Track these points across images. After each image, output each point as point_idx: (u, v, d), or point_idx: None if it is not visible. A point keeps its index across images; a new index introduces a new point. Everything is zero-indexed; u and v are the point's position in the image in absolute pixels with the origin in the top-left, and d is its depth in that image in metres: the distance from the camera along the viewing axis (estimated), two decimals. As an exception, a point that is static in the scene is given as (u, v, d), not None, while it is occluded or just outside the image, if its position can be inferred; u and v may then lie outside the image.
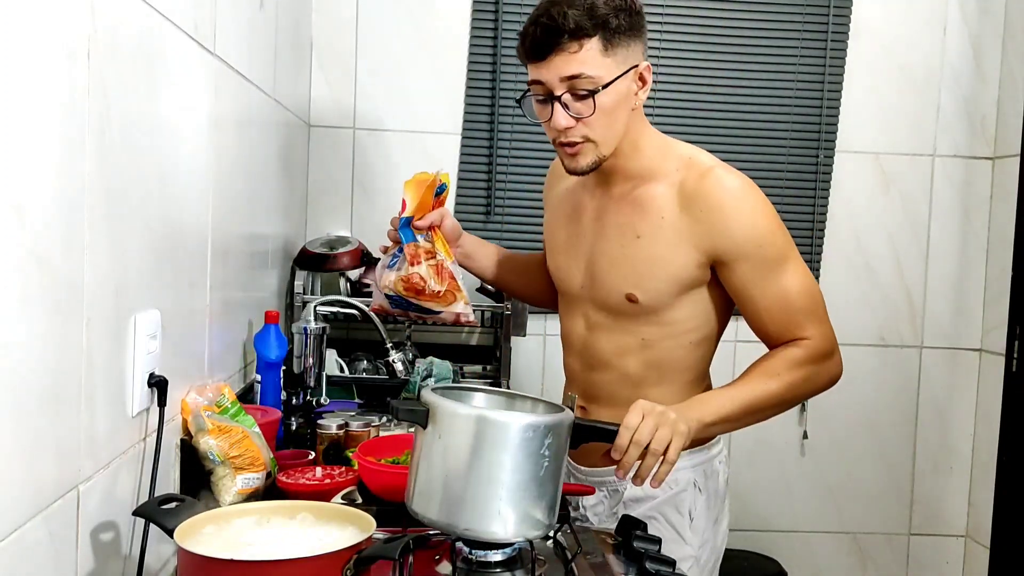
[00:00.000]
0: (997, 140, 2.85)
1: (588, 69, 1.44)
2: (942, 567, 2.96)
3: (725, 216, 1.49)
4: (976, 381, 2.91)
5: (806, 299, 1.54)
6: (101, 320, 1.08)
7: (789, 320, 1.53)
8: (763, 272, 1.52)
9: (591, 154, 1.51)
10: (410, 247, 1.66)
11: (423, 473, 1.19)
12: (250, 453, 1.40)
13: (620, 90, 1.47)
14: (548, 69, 1.45)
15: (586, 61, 1.43)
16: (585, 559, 1.29)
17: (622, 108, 1.49)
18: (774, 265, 1.52)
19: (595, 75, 1.44)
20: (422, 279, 1.63)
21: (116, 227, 1.12)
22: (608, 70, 1.45)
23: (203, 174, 1.51)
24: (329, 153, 2.70)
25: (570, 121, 1.47)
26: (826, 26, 2.77)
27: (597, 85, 1.44)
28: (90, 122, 1.03)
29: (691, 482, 1.62)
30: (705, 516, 1.63)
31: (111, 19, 1.08)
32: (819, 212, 2.82)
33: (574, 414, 1.27)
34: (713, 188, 1.50)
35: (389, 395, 2.16)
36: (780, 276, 1.52)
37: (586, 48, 1.43)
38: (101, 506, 1.12)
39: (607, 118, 1.48)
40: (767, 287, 1.52)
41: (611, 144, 1.51)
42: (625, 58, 1.47)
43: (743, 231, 1.50)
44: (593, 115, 1.46)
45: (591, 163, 1.52)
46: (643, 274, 1.55)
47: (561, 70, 1.44)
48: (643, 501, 1.61)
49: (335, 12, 2.67)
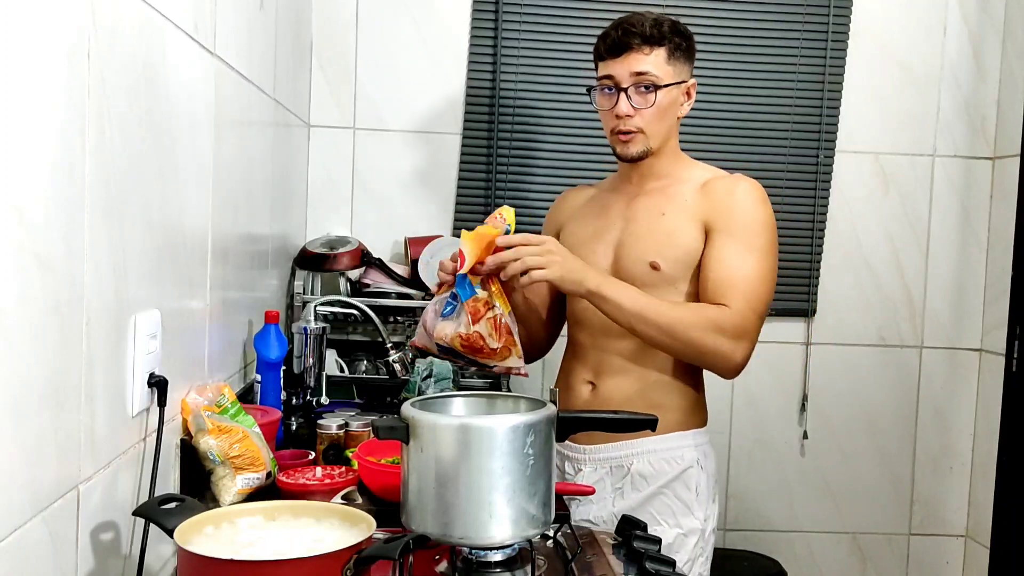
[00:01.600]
0: (997, 140, 2.85)
1: (654, 69, 1.73)
2: (942, 567, 2.96)
3: (730, 196, 1.73)
4: (976, 381, 2.91)
5: (748, 284, 1.69)
6: (101, 320, 1.08)
7: (724, 291, 1.68)
8: (732, 247, 1.70)
9: (641, 143, 1.76)
10: (470, 303, 1.58)
11: (412, 488, 1.20)
12: (250, 453, 1.40)
13: (673, 95, 1.76)
14: (621, 65, 1.73)
15: (654, 63, 1.73)
16: (585, 559, 1.29)
17: (671, 111, 1.77)
18: (744, 248, 1.70)
19: (658, 75, 1.73)
20: (481, 338, 1.57)
21: (116, 227, 1.12)
22: (668, 75, 1.74)
23: (203, 174, 1.51)
24: (329, 153, 2.70)
25: (631, 110, 1.73)
26: (826, 26, 2.77)
27: (659, 83, 1.73)
28: (90, 122, 1.03)
29: (695, 460, 1.77)
30: (707, 492, 1.77)
31: (111, 19, 1.08)
32: (819, 212, 2.82)
33: (557, 407, 1.27)
34: (732, 181, 1.77)
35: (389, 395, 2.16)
36: (742, 257, 1.69)
37: (655, 53, 1.73)
38: (101, 506, 1.12)
39: (659, 114, 1.74)
40: (725, 258, 1.70)
41: (658, 140, 1.77)
42: (681, 71, 1.77)
43: (736, 209, 1.72)
44: (650, 108, 1.73)
45: (640, 151, 1.77)
46: (664, 244, 1.74)
47: (632, 66, 1.72)
48: (653, 478, 1.75)
49: (335, 12, 2.67)
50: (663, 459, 1.75)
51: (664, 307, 1.66)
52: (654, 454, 1.75)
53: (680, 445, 1.76)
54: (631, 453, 1.76)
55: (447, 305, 1.60)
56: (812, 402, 2.87)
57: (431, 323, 1.62)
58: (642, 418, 1.37)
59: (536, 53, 2.70)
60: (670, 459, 1.75)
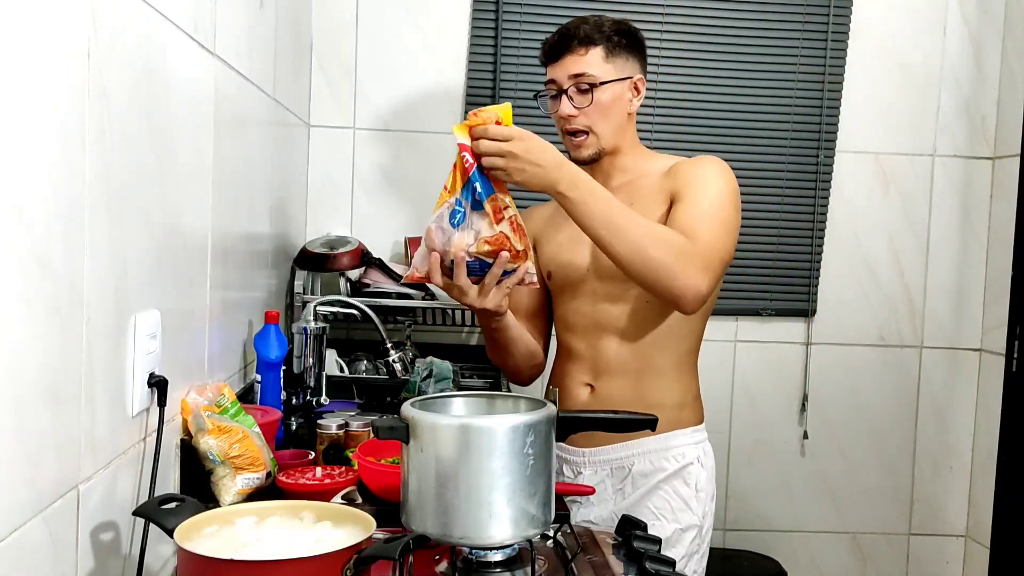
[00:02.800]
0: (997, 140, 2.85)
1: (590, 69, 1.74)
2: (942, 567, 2.96)
3: (692, 169, 1.74)
4: (976, 381, 2.91)
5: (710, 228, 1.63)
6: (101, 320, 1.08)
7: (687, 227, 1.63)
8: (691, 200, 1.68)
9: (592, 146, 1.78)
10: (490, 202, 1.46)
11: (412, 488, 1.20)
12: (250, 453, 1.40)
13: (616, 91, 1.76)
14: (560, 68, 1.77)
15: (590, 63, 1.75)
16: (585, 559, 1.29)
17: (617, 106, 1.77)
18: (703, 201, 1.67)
19: (596, 74, 1.75)
20: (507, 238, 1.46)
21: (116, 227, 1.12)
22: (607, 73, 1.75)
23: (203, 174, 1.51)
24: (329, 153, 2.70)
25: (572, 110, 1.75)
26: (826, 26, 2.77)
27: (596, 82, 1.74)
28: (90, 122, 1.03)
29: (696, 457, 1.77)
30: (706, 489, 1.77)
31: (111, 19, 1.08)
32: (819, 212, 2.82)
33: (557, 407, 1.27)
34: (696, 158, 1.79)
35: (389, 395, 2.16)
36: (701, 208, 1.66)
37: (591, 53, 1.75)
38: (101, 506, 1.12)
39: (602, 112, 1.75)
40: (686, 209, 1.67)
41: (609, 138, 1.78)
42: (623, 68, 1.77)
43: (697, 176, 1.72)
44: (591, 106, 1.74)
45: (592, 154, 1.78)
46: None
47: (569, 68, 1.75)
48: (652, 474, 1.75)
49: (335, 12, 2.67)
50: (663, 457, 1.76)
51: (637, 219, 1.58)
52: (655, 453, 1.76)
53: (681, 443, 1.77)
54: (631, 454, 1.77)
55: (452, 215, 1.47)
56: (812, 402, 2.87)
57: (441, 238, 1.50)
58: (642, 418, 1.37)
59: (536, 53, 2.68)
60: (670, 457, 1.76)
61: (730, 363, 2.83)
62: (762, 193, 2.78)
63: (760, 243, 2.80)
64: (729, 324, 2.84)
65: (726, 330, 2.84)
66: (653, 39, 2.72)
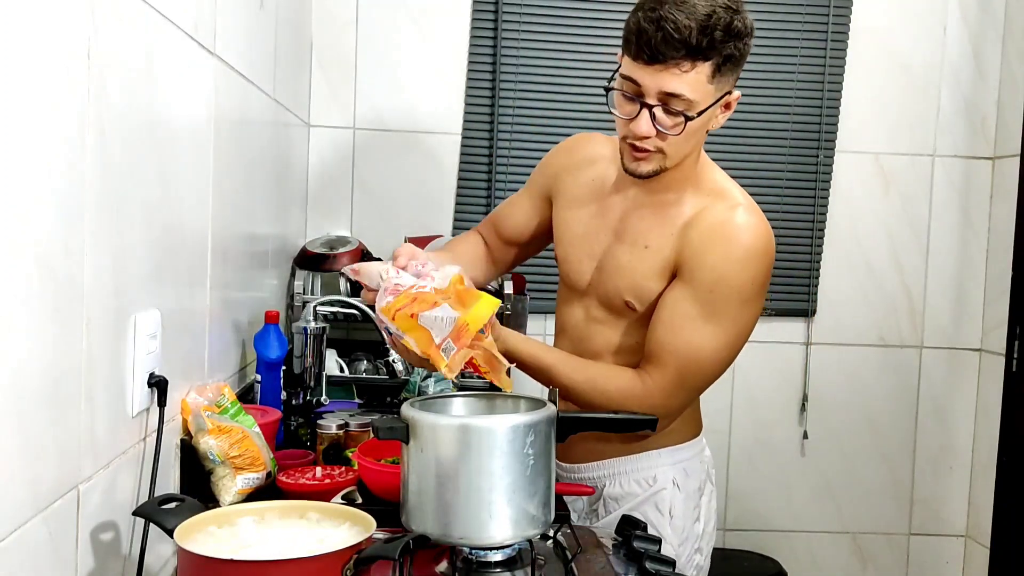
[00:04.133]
0: (997, 140, 2.85)
1: (690, 92, 1.38)
2: (942, 567, 2.96)
3: (713, 249, 1.47)
4: (976, 381, 2.91)
5: (690, 360, 1.47)
6: (101, 320, 1.08)
7: (658, 355, 1.48)
8: (694, 312, 1.46)
9: (656, 163, 1.47)
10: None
11: (412, 488, 1.20)
12: (250, 453, 1.40)
13: (707, 117, 1.44)
14: (651, 77, 1.39)
15: (692, 85, 1.38)
16: (585, 559, 1.29)
17: (700, 132, 1.47)
18: (705, 315, 1.47)
19: (695, 99, 1.39)
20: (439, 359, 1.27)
21: (116, 227, 1.12)
22: (708, 97, 1.41)
23: (203, 174, 1.51)
24: (329, 153, 2.70)
25: (651, 131, 1.42)
26: (826, 26, 2.77)
27: (693, 110, 1.40)
28: (90, 122, 1.03)
29: (670, 480, 1.62)
30: (684, 515, 1.61)
31: (111, 19, 1.08)
32: (819, 212, 2.82)
33: (557, 407, 1.27)
34: (724, 221, 1.48)
35: (389, 395, 2.17)
36: (698, 328, 1.47)
37: (698, 71, 1.38)
38: (101, 506, 1.12)
39: (687, 139, 1.44)
40: (681, 324, 1.47)
41: (677, 160, 1.48)
42: (724, 85, 1.43)
43: (713, 270, 1.46)
44: (677, 135, 1.42)
45: (653, 170, 1.48)
46: (641, 287, 1.54)
47: (663, 84, 1.38)
48: (623, 499, 1.63)
49: (335, 12, 2.67)
50: (633, 480, 1.63)
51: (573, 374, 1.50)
52: (625, 476, 1.63)
53: (651, 465, 1.62)
54: (604, 475, 1.65)
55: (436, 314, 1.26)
56: (812, 402, 2.87)
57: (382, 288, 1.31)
58: (642, 418, 1.36)
59: (536, 53, 2.70)
60: (640, 480, 1.62)
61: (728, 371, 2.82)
62: (762, 193, 2.78)
63: (760, 243, 2.79)
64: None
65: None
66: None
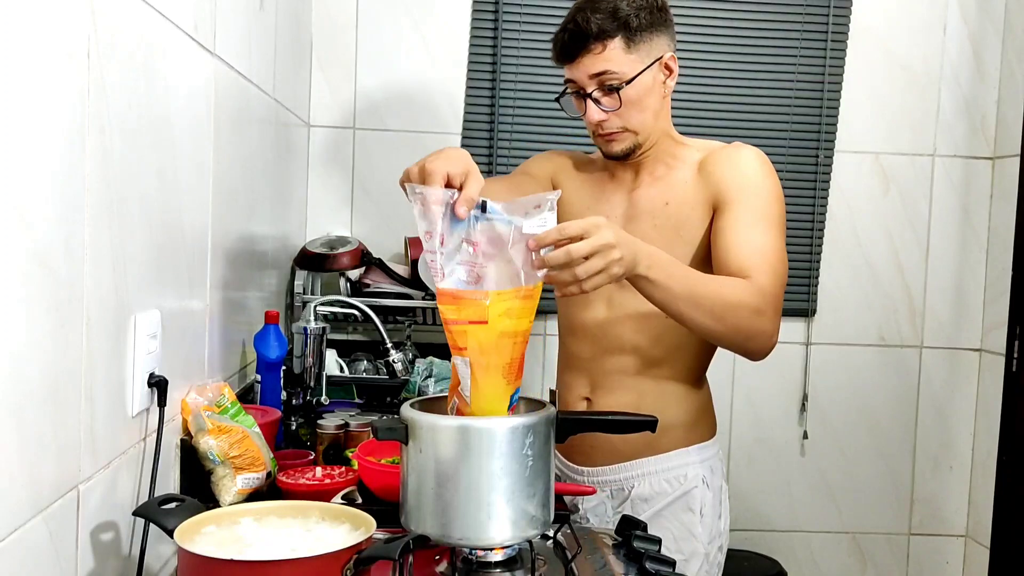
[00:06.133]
0: (997, 140, 2.85)
1: (613, 66, 1.56)
2: (942, 567, 2.96)
3: (735, 168, 1.60)
4: (976, 381, 2.91)
5: (769, 260, 1.53)
6: (101, 320, 1.08)
7: (748, 269, 1.51)
8: (746, 219, 1.56)
9: (628, 140, 1.63)
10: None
11: (412, 488, 1.20)
12: (250, 453, 1.40)
13: (646, 82, 1.59)
14: (578, 69, 1.59)
15: (611, 59, 1.56)
16: (585, 559, 1.29)
17: (651, 97, 1.60)
18: (758, 218, 1.56)
19: (619, 71, 1.56)
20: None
21: (116, 227, 1.12)
22: (632, 66, 1.57)
23: (203, 174, 1.51)
24: (329, 153, 2.70)
25: (602, 115, 1.60)
26: (826, 26, 2.77)
27: (622, 80, 1.57)
28: (90, 122, 1.03)
29: (700, 478, 1.65)
30: (711, 512, 1.65)
31: (111, 19, 1.08)
32: (819, 212, 2.82)
33: (556, 408, 1.27)
34: (729, 150, 1.63)
35: (389, 395, 2.17)
36: (758, 230, 1.55)
37: (610, 48, 1.56)
38: (101, 506, 1.12)
39: (636, 108, 1.59)
40: (742, 234, 1.55)
41: (647, 131, 1.63)
42: (649, 52, 1.58)
43: (743, 181, 1.58)
44: (621, 107, 1.58)
45: (626, 148, 1.63)
46: (672, 240, 1.61)
47: (589, 69, 1.57)
48: (653, 500, 1.64)
49: (335, 12, 2.67)
50: (664, 480, 1.65)
51: (714, 287, 1.46)
52: (655, 475, 1.65)
53: (682, 463, 1.65)
54: (631, 475, 1.66)
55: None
56: (812, 402, 2.87)
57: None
58: (642, 419, 1.36)
59: (536, 53, 2.69)
60: (671, 479, 1.65)
61: (730, 363, 2.82)
62: (762, 193, 2.78)
63: (760, 243, 2.80)
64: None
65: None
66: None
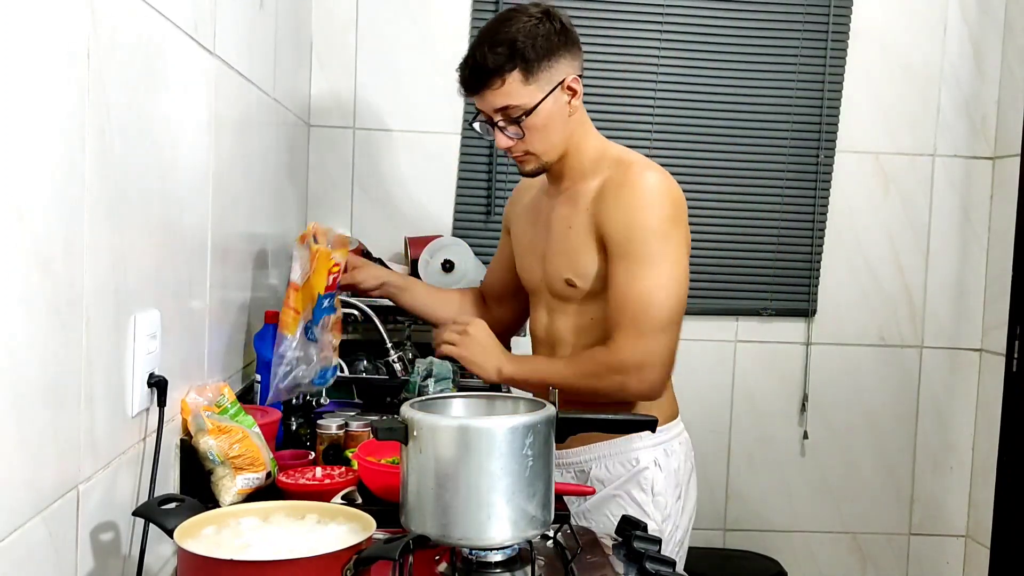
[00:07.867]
0: (997, 140, 2.85)
1: (513, 100, 1.62)
2: (942, 567, 2.96)
3: (618, 206, 1.63)
4: (976, 381, 2.91)
5: (636, 306, 1.61)
6: (101, 320, 1.08)
7: (616, 318, 1.63)
8: (624, 266, 1.62)
9: (534, 162, 1.71)
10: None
11: (412, 488, 1.20)
12: (250, 453, 1.40)
13: (548, 109, 1.64)
14: (482, 102, 1.66)
15: (510, 93, 1.62)
16: (585, 559, 1.29)
17: (555, 121, 1.67)
18: (633, 263, 1.61)
19: (520, 103, 1.62)
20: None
21: (116, 227, 1.12)
22: (532, 96, 1.63)
23: (203, 174, 1.51)
24: (329, 153, 2.70)
25: (508, 142, 1.67)
26: (826, 26, 2.77)
27: (522, 112, 1.63)
28: (90, 122, 1.03)
29: (652, 460, 1.73)
30: (666, 493, 1.73)
31: (111, 19, 1.08)
32: (819, 212, 2.82)
33: (556, 408, 1.27)
34: (623, 180, 1.65)
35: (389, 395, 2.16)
36: (636, 275, 1.61)
37: (508, 82, 1.61)
38: (101, 506, 1.11)
39: (541, 134, 1.66)
40: (617, 280, 1.63)
41: (551, 152, 1.70)
42: (549, 79, 1.63)
43: (624, 222, 1.62)
44: (525, 135, 1.65)
45: (535, 168, 1.72)
46: (575, 261, 1.70)
47: (491, 103, 1.64)
48: (608, 480, 1.75)
49: (335, 12, 2.67)
50: (619, 462, 1.74)
51: (563, 371, 1.66)
52: (609, 458, 1.75)
53: (632, 448, 1.73)
54: (590, 458, 1.76)
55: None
56: (812, 402, 2.87)
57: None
58: (641, 419, 1.37)
59: (536, 53, 2.69)
60: (624, 462, 1.74)
61: (730, 363, 2.83)
62: (762, 193, 2.78)
63: (760, 243, 2.80)
64: (729, 324, 2.84)
65: (726, 330, 2.84)
66: (653, 39, 2.73)
